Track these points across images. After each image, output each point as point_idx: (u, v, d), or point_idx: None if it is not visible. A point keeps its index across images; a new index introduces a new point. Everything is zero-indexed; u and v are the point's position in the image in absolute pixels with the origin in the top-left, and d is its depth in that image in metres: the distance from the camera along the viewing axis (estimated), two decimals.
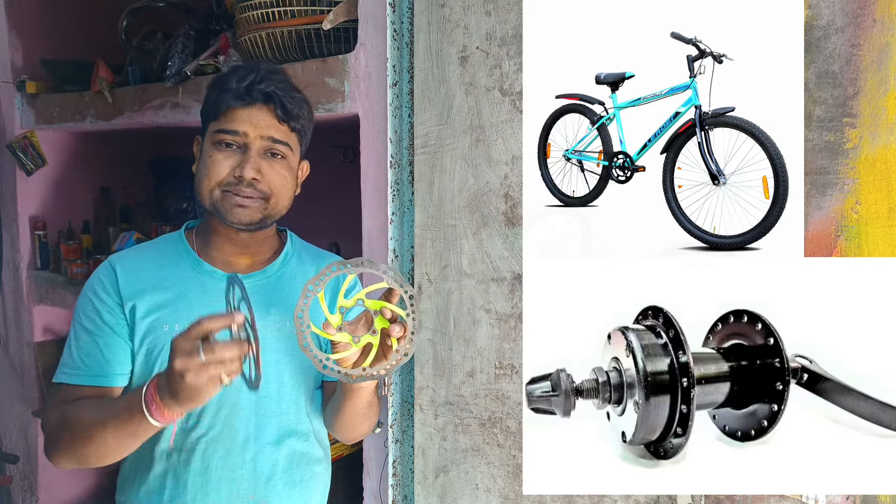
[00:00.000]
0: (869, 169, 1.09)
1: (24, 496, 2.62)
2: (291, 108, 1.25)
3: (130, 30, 2.15)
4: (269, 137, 1.23)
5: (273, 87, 1.23)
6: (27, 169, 2.51)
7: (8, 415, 2.69)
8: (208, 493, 1.25)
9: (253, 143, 1.22)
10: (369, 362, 1.06)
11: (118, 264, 1.27)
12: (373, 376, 1.05)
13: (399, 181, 1.52)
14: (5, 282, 2.64)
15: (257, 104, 1.22)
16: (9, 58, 2.47)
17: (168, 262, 1.29)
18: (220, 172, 1.22)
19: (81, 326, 1.24)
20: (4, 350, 2.69)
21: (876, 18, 1.08)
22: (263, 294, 1.29)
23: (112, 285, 1.25)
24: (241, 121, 1.22)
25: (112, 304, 1.24)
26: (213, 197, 1.24)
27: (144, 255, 1.31)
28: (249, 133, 1.22)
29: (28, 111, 2.46)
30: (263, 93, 1.22)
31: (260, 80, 1.22)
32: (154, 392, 1.03)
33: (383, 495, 1.58)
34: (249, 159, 1.21)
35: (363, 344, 1.07)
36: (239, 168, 1.21)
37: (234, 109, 1.22)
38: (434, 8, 1.44)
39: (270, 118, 1.23)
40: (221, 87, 1.24)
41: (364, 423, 1.33)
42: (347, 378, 1.06)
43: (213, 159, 1.23)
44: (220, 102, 1.22)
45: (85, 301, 1.26)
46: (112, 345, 1.23)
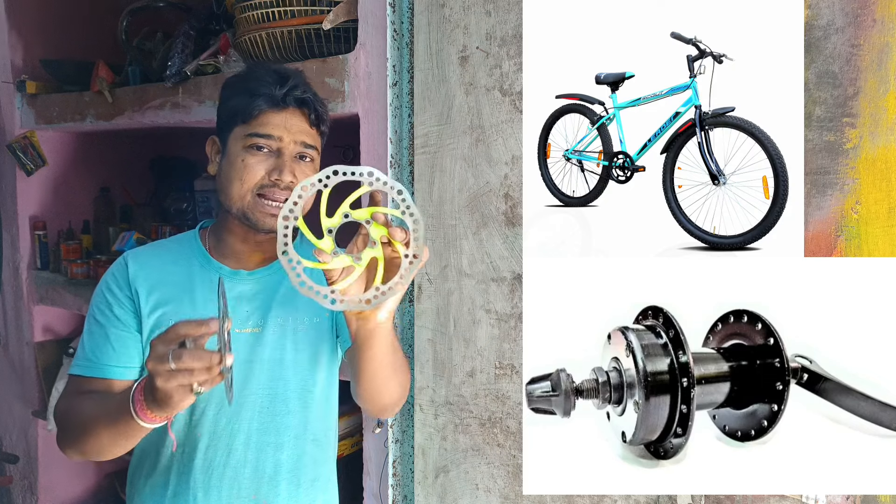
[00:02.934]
0: (869, 169, 1.09)
1: (24, 496, 2.63)
2: (322, 113, 1.28)
3: (130, 30, 2.15)
4: (302, 142, 1.25)
5: (308, 93, 1.26)
6: (27, 169, 2.51)
7: (8, 415, 2.70)
8: (210, 491, 1.25)
9: (287, 147, 1.23)
10: (380, 279, 0.92)
11: (131, 260, 1.30)
12: (391, 291, 0.91)
13: (399, 181, 1.52)
14: (5, 282, 2.64)
15: (291, 108, 1.24)
16: (9, 58, 2.47)
17: (179, 259, 1.31)
18: (254, 176, 1.22)
19: (94, 320, 1.27)
20: (4, 350, 2.69)
21: (876, 18, 1.08)
22: (267, 291, 1.30)
23: (124, 280, 1.27)
24: (274, 125, 1.23)
25: (123, 298, 1.26)
26: (244, 201, 1.23)
27: (158, 252, 1.33)
28: (284, 137, 1.23)
29: (28, 111, 2.46)
30: (299, 98, 1.24)
31: (295, 87, 1.24)
32: (140, 393, 1.03)
33: (383, 495, 1.58)
34: (286, 164, 1.22)
35: (366, 262, 0.94)
36: (276, 172, 1.22)
37: (267, 113, 1.23)
38: (434, 8, 1.44)
39: (303, 123, 1.25)
40: (251, 90, 1.24)
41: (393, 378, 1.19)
42: (362, 305, 0.91)
43: (247, 163, 1.22)
44: (252, 106, 1.22)
45: (98, 295, 1.29)
46: (122, 338, 1.25)
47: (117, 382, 1.24)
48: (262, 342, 1.27)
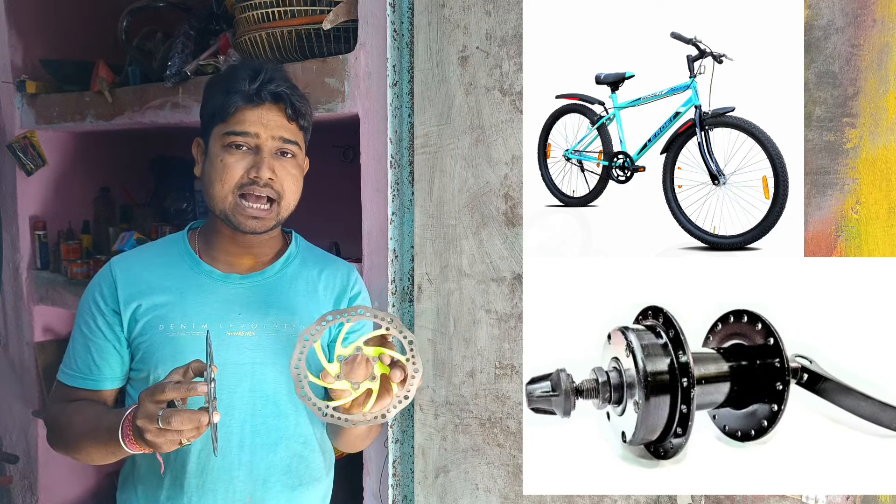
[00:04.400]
0: (869, 169, 1.09)
1: (24, 496, 2.62)
2: (300, 107, 1.26)
3: (130, 30, 2.15)
4: (280, 137, 1.24)
5: (283, 86, 1.24)
6: (27, 169, 2.50)
7: (8, 415, 2.69)
8: (204, 494, 1.25)
9: (265, 143, 1.23)
10: (370, 407, 1.07)
11: (117, 268, 1.29)
12: (374, 420, 1.06)
13: (399, 181, 1.53)
14: (5, 282, 2.64)
15: (267, 104, 1.23)
16: (9, 58, 2.47)
17: (167, 263, 1.30)
18: (233, 175, 1.22)
19: (79, 329, 1.29)
20: (4, 350, 2.69)
21: (876, 18, 1.08)
22: (261, 295, 1.29)
23: (110, 290, 1.27)
24: (251, 122, 1.22)
25: (107, 311, 1.26)
26: (226, 203, 1.23)
27: (144, 257, 1.33)
28: (261, 134, 1.22)
29: (28, 111, 2.46)
30: (273, 93, 1.23)
31: (269, 81, 1.23)
32: (129, 427, 1.07)
33: (383, 495, 1.58)
34: (264, 160, 1.22)
35: (363, 390, 1.07)
36: (254, 169, 1.21)
37: (243, 110, 1.22)
38: (434, 8, 1.44)
39: (281, 118, 1.24)
40: (227, 88, 1.23)
41: (364, 443, 1.42)
42: (348, 423, 1.06)
43: (225, 163, 1.22)
44: (228, 104, 1.22)
45: (84, 305, 1.30)
46: (103, 350, 1.26)
47: (100, 393, 1.28)
48: (254, 346, 1.26)
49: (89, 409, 1.23)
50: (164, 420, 0.99)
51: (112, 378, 1.27)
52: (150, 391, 1.03)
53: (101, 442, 1.14)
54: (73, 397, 1.27)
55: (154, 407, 1.01)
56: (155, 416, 1.00)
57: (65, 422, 1.23)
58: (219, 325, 1.24)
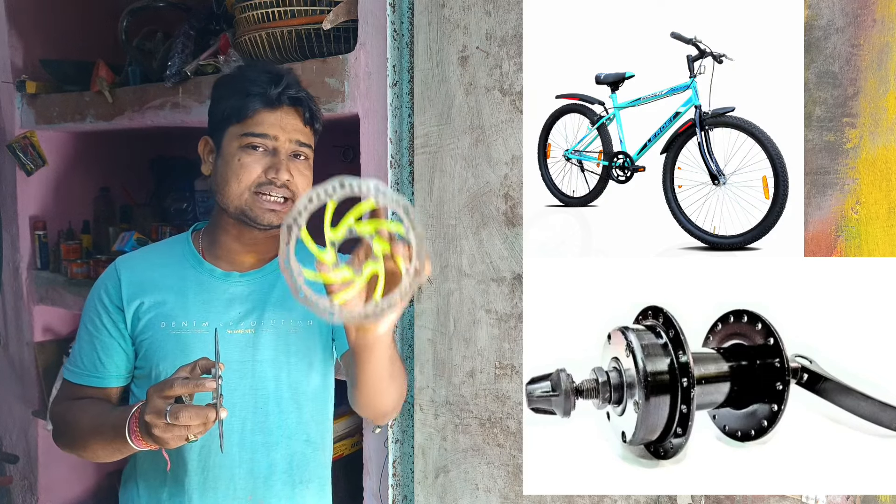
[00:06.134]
0: (869, 169, 1.09)
1: (24, 496, 2.63)
2: (315, 112, 1.30)
3: (130, 30, 2.15)
4: (297, 140, 1.26)
5: (302, 92, 1.28)
6: (27, 169, 2.50)
7: (8, 415, 2.69)
8: (206, 492, 1.26)
9: (283, 146, 1.25)
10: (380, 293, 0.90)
11: (122, 267, 1.31)
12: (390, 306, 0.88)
13: (399, 181, 1.52)
14: (5, 282, 2.64)
15: (285, 107, 1.26)
16: (9, 58, 2.47)
17: (170, 262, 1.32)
18: (251, 175, 1.23)
19: (85, 327, 1.31)
20: (4, 350, 2.69)
21: (876, 18, 1.08)
22: (262, 292, 1.30)
23: (114, 289, 1.29)
24: (269, 124, 1.24)
25: (112, 309, 1.28)
26: (242, 199, 1.24)
27: (149, 257, 1.35)
28: (280, 136, 1.25)
29: (28, 111, 2.46)
30: (293, 98, 1.26)
31: (290, 86, 1.26)
32: (135, 423, 1.08)
33: (383, 495, 1.58)
34: (282, 162, 1.24)
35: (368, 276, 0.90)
36: (272, 170, 1.23)
37: (262, 113, 1.24)
38: (434, 8, 1.44)
39: (298, 122, 1.27)
40: (243, 90, 1.24)
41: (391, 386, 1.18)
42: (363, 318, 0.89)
43: (243, 162, 1.24)
44: (246, 106, 1.24)
45: (89, 303, 1.32)
46: (109, 348, 1.28)
47: (106, 390, 1.30)
48: (255, 343, 1.27)
49: (95, 407, 1.24)
50: (172, 415, 1.00)
51: (117, 375, 1.29)
52: (158, 387, 1.04)
53: (107, 439, 1.15)
54: (79, 395, 1.29)
55: (162, 402, 1.02)
56: (163, 412, 1.01)
57: (71, 419, 1.25)
58: (219, 323, 1.25)
